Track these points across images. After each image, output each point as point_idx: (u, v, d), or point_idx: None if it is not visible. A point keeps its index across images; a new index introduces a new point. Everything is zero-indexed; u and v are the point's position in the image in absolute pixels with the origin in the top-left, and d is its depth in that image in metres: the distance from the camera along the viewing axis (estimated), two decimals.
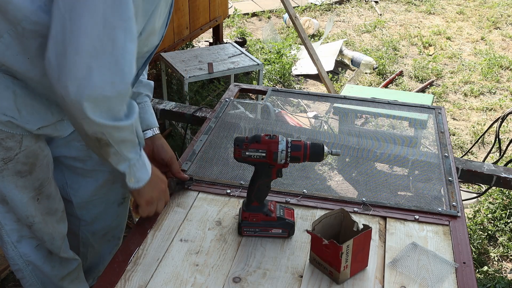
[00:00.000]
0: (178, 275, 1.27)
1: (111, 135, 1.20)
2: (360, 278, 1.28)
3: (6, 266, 2.24)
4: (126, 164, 1.29)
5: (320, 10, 6.15)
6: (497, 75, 4.64)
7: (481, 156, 3.51)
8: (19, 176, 1.42)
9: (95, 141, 1.21)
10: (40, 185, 1.48)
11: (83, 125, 1.16)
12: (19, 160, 1.39)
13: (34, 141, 1.41)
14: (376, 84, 4.49)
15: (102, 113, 1.15)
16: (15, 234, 1.53)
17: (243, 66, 3.42)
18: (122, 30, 1.11)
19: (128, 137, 1.25)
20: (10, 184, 1.41)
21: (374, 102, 2.25)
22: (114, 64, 1.12)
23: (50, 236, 1.57)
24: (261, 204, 1.39)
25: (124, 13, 1.11)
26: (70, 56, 1.08)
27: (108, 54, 1.10)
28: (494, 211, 2.87)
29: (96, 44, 1.09)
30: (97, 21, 1.08)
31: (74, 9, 1.07)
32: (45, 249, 1.61)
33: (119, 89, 1.14)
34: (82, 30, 1.07)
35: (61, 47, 1.09)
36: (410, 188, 1.73)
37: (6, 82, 1.28)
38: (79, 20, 1.07)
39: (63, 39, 1.08)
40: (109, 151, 1.24)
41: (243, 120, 2.05)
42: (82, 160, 1.63)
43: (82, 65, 1.08)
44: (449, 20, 5.97)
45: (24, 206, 1.47)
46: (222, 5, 4.25)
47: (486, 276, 2.46)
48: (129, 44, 1.13)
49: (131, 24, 1.13)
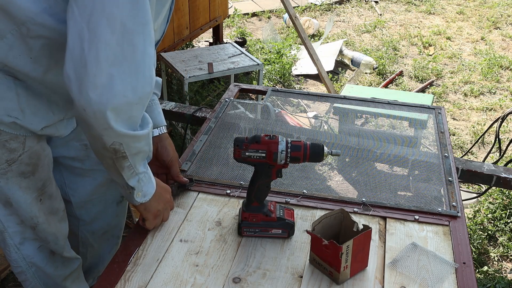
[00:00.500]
0: (178, 275, 1.27)
1: (128, 145, 1.20)
2: (360, 278, 1.28)
3: (6, 266, 2.24)
4: (136, 179, 1.29)
5: (320, 10, 6.15)
6: (497, 75, 4.64)
7: (481, 156, 3.51)
8: (23, 177, 1.42)
9: (112, 153, 1.19)
10: (42, 185, 1.48)
11: (103, 137, 1.15)
12: (23, 161, 1.39)
13: (37, 141, 1.41)
14: (376, 84, 4.49)
15: (123, 121, 1.14)
16: (18, 236, 1.52)
17: (243, 66, 3.42)
18: (141, 35, 1.10)
19: (143, 148, 1.25)
20: (14, 186, 1.41)
21: (374, 102, 2.25)
22: (135, 70, 1.11)
23: (54, 236, 1.57)
24: (261, 205, 1.39)
25: (142, 17, 1.10)
26: (90, 66, 1.07)
27: (128, 60, 1.09)
28: (494, 211, 2.87)
29: (116, 51, 1.08)
30: (115, 28, 1.07)
31: (92, 18, 1.06)
32: (48, 250, 1.61)
33: (141, 94, 1.14)
34: (101, 39, 1.06)
35: (80, 58, 1.08)
36: (410, 188, 1.73)
37: (9, 83, 1.28)
38: (97, 28, 1.06)
39: (81, 49, 1.07)
40: (124, 165, 1.23)
41: (243, 120, 2.05)
42: (80, 160, 1.62)
43: (104, 73, 1.07)
44: (449, 20, 5.97)
45: (28, 207, 1.46)
46: (222, 5, 4.25)
47: (486, 276, 2.46)
48: (148, 48, 1.13)
49: (150, 28, 1.12)
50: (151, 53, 1.14)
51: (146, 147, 1.26)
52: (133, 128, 1.19)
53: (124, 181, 1.27)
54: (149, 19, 1.12)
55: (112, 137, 1.15)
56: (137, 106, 1.16)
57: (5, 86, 1.28)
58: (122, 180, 1.28)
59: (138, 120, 1.20)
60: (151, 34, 1.14)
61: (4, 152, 1.35)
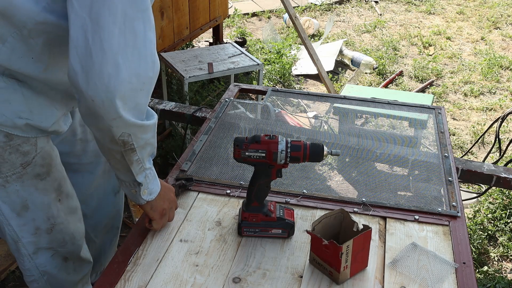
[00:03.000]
0: (178, 275, 1.27)
1: (136, 136, 1.21)
2: (360, 278, 1.28)
3: (6, 266, 2.24)
4: (144, 174, 1.30)
5: (320, 10, 6.15)
6: (497, 75, 4.64)
7: (481, 156, 3.51)
8: (39, 179, 1.43)
9: (121, 145, 1.20)
10: (58, 185, 1.50)
11: (112, 128, 1.15)
12: (37, 162, 1.41)
13: (46, 141, 1.43)
14: (376, 84, 4.49)
15: (131, 110, 1.15)
16: (32, 246, 1.53)
17: (243, 66, 3.42)
18: (141, 21, 1.12)
19: (150, 140, 1.26)
20: (30, 188, 1.43)
21: (374, 102, 2.25)
22: (137, 56, 1.12)
23: (71, 236, 1.59)
24: (261, 205, 1.39)
25: (142, 4, 1.12)
26: (96, 57, 1.08)
27: (131, 47, 1.11)
28: (494, 211, 2.87)
29: (119, 39, 1.09)
30: (117, 16, 1.08)
31: (93, 9, 1.07)
32: (61, 257, 1.62)
33: (144, 80, 1.15)
34: (104, 28, 1.08)
35: (85, 49, 1.09)
36: (410, 188, 1.73)
37: (13, 86, 1.29)
38: (99, 19, 1.07)
39: (85, 41, 1.08)
40: (133, 158, 1.24)
41: (243, 120, 2.05)
42: (77, 156, 1.64)
43: (109, 62, 1.08)
44: (449, 20, 5.97)
45: (46, 208, 1.48)
46: (222, 5, 4.25)
47: (486, 276, 2.46)
48: (149, 33, 1.14)
49: (149, 14, 1.14)
50: (152, 38, 1.16)
51: (152, 140, 1.27)
52: (140, 117, 1.20)
53: (133, 176, 1.28)
54: (148, 5, 1.13)
55: (120, 127, 1.16)
56: (142, 93, 1.16)
57: (11, 89, 1.29)
58: (131, 176, 1.28)
59: (144, 108, 1.21)
60: (151, 19, 1.15)
61: (18, 156, 1.36)
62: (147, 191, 1.33)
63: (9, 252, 2.27)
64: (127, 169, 1.27)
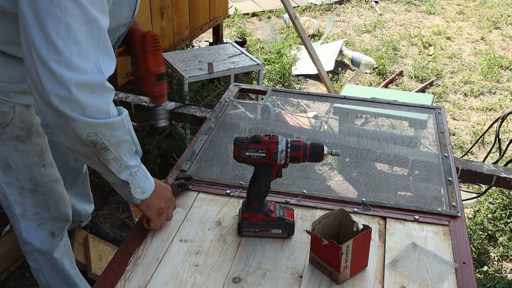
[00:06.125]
0: (178, 275, 1.27)
1: (105, 135, 1.20)
2: (360, 278, 1.28)
3: (6, 266, 2.24)
4: (128, 172, 1.29)
5: (320, 10, 6.15)
6: (497, 75, 4.64)
7: (481, 156, 3.51)
8: (19, 141, 1.53)
9: (91, 146, 1.20)
10: (40, 151, 1.59)
11: (76, 129, 1.16)
12: (15, 124, 1.50)
13: (26, 109, 1.51)
14: (376, 84, 4.49)
15: (87, 110, 1.15)
16: (19, 206, 1.62)
17: (243, 66, 3.42)
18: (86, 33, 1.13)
19: (122, 137, 1.25)
20: (10, 148, 1.52)
21: (374, 102, 2.25)
22: (78, 67, 1.12)
23: (55, 202, 1.68)
24: (261, 204, 1.39)
25: (86, 16, 1.12)
26: (36, 63, 1.10)
27: (75, 57, 1.11)
28: (494, 211, 2.87)
29: (64, 49, 1.10)
30: (60, 29, 1.10)
31: (39, 15, 1.09)
32: (48, 230, 1.71)
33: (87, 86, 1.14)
34: (50, 40, 1.09)
35: (30, 57, 1.11)
36: (410, 188, 1.73)
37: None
38: (46, 29, 1.09)
39: (29, 48, 1.11)
40: (108, 157, 1.24)
41: (243, 120, 2.05)
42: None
43: (51, 72, 1.10)
44: (449, 20, 5.97)
45: (27, 169, 1.57)
46: (222, 5, 4.25)
47: (486, 276, 2.46)
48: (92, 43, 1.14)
49: (95, 26, 1.14)
50: (95, 47, 1.15)
51: (125, 136, 1.26)
52: (104, 116, 1.19)
53: (115, 176, 1.28)
54: (93, 17, 1.13)
55: (84, 128, 1.16)
56: (94, 95, 1.16)
57: None
58: (114, 177, 1.28)
59: (105, 108, 1.19)
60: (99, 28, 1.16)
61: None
62: (139, 190, 1.32)
63: (9, 253, 2.27)
64: (107, 169, 1.27)
